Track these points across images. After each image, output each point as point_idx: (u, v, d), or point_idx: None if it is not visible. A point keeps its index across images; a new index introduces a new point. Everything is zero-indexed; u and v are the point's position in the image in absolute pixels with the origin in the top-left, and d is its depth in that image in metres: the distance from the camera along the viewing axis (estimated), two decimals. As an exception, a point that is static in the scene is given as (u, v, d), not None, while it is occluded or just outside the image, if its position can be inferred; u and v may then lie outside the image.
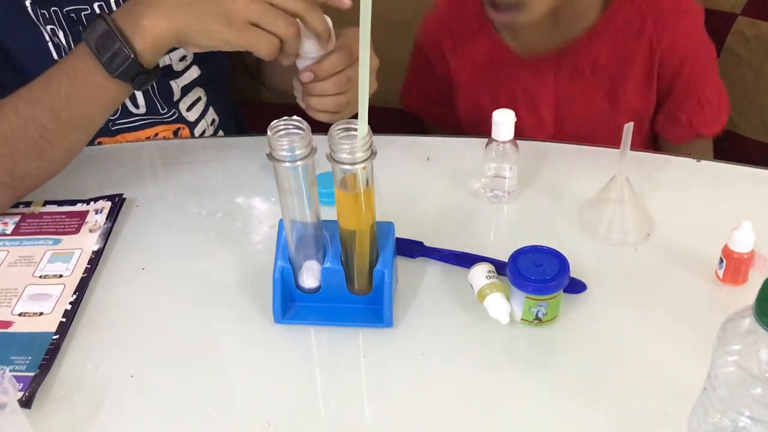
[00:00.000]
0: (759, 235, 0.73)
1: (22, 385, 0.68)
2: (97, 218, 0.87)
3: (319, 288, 0.73)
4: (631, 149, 0.76)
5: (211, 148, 1.01)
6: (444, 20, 1.11)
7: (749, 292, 0.73)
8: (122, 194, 0.90)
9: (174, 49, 0.82)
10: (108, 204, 0.89)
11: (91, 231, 0.85)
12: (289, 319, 0.74)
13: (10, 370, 0.69)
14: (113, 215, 0.87)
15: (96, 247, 0.83)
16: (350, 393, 0.69)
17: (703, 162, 0.93)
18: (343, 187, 0.66)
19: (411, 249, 0.80)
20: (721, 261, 0.75)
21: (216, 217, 0.88)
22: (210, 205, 0.89)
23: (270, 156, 0.64)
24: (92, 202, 0.89)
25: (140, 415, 0.67)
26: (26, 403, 0.67)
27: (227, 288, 0.78)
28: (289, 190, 0.66)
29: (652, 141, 1.14)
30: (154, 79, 0.80)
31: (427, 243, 0.81)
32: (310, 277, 0.73)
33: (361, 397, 0.68)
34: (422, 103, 1.22)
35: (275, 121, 0.64)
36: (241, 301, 0.77)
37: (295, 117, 0.64)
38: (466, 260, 0.77)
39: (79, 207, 0.89)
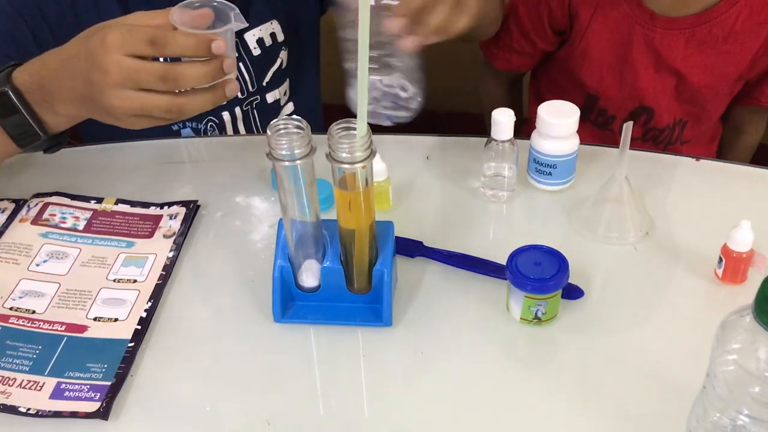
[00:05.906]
0: (758, 234, 0.73)
1: (99, 395, 0.67)
2: (171, 223, 0.85)
3: (318, 287, 0.74)
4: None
5: (211, 147, 1.01)
6: None
7: (748, 291, 0.73)
8: (197, 201, 0.88)
9: None
10: (183, 210, 0.87)
11: (165, 236, 0.83)
12: (288, 318, 0.74)
13: (87, 378, 0.68)
14: (188, 222, 0.85)
15: (171, 254, 0.81)
16: (350, 392, 0.69)
17: (702, 161, 0.93)
18: (342, 186, 0.66)
19: (410, 249, 0.80)
20: (721, 260, 0.75)
21: (216, 217, 0.88)
22: (210, 204, 0.89)
23: (269, 155, 0.64)
24: (165, 207, 0.87)
25: (140, 415, 0.67)
26: (103, 414, 0.65)
27: (227, 287, 0.79)
28: (288, 189, 0.67)
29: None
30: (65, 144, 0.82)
31: (427, 243, 0.81)
32: (309, 276, 0.73)
33: (361, 396, 0.69)
34: (505, 55, 1.19)
35: (275, 120, 0.64)
36: (240, 301, 0.77)
37: (294, 117, 0.64)
38: (465, 261, 0.78)
39: (152, 210, 0.87)
